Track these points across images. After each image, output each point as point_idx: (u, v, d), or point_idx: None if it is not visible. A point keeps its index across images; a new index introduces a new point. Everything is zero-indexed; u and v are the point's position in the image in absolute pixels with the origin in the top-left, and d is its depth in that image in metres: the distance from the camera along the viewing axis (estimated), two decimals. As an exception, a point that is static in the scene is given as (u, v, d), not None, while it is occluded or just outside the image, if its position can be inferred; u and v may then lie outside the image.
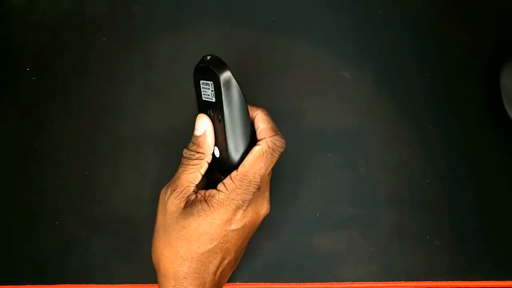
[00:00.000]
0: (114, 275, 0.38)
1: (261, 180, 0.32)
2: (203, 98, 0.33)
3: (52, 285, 0.38)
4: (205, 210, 0.31)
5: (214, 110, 0.33)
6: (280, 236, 0.39)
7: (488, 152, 0.41)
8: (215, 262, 0.32)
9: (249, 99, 0.41)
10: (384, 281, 0.38)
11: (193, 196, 0.33)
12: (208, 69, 0.31)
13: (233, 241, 0.32)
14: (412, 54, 0.43)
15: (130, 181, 0.40)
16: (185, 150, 0.33)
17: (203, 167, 0.33)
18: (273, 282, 0.38)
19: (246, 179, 0.31)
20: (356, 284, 0.38)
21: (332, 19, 0.44)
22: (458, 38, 0.44)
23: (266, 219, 0.39)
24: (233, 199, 0.31)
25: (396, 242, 0.39)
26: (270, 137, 0.32)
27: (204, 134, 0.33)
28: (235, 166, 0.32)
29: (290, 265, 0.39)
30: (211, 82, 0.32)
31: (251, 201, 0.32)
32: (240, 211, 0.32)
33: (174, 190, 0.32)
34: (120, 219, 0.39)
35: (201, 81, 0.33)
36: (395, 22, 0.44)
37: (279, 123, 0.41)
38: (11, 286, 0.38)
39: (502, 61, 0.42)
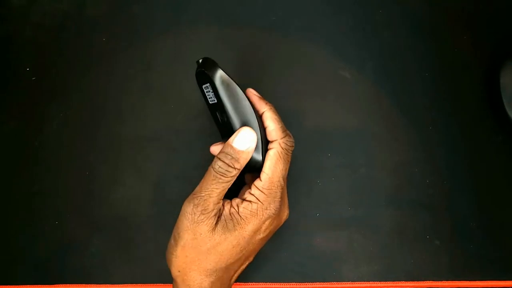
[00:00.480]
0: (114, 275, 0.38)
1: (284, 182, 0.32)
2: (210, 102, 0.34)
3: (52, 285, 0.38)
4: (240, 224, 0.31)
5: (220, 111, 0.33)
6: (280, 236, 0.39)
7: (488, 152, 0.41)
8: (236, 268, 0.33)
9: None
10: (384, 281, 0.38)
11: (224, 211, 0.31)
12: (203, 72, 0.32)
13: (257, 248, 0.33)
14: (412, 54, 0.43)
15: (130, 181, 0.40)
16: (219, 163, 0.31)
17: (231, 182, 0.32)
18: (274, 282, 0.38)
19: (273, 186, 0.31)
20: (356, 284, 0.38)
21: (332, 19, 0.44)
22: (458, 38, 0.44)
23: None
24: (267, 209, 0.31)
25: (396, 242, 0.39)
26: (282, 138, 0.32)
27: (247, 151, 0.31)
28: (250, 163, 0.32)
29: (290, 265, 0.39)
30: (209, 84, 0.32)
31: (279, 208, 0.32)
32: (269, 220, 0.32)
33: (204, 210, 0.30)
34: (120, 219, 0.39)
35: (203, 86, 0.33)
36: (395, 22, 0.44)
37: (279, 123, 0.41)
38: (11, 286, 0.38)
39: (502, 61, 0.42)
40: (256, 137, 0.32)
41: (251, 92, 0.35)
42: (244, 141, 0.31)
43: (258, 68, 0.43)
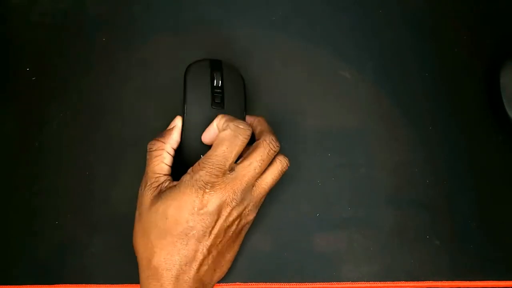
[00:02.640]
0: (114, 275, 0.38)
1: (226, 164, 0.32)
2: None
3: (52, 285, 0.38)
4: (172, 194, 0.32)
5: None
6: (280, 236, 0.39)
7: (488, 152, 0.41)
8: (185, 252, 0.32)
9: (249, 99, 0.42)
10: (384, 281, 0.38)
11: (166, 184, 0.34)
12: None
13: (198, 228, 0.32)
14: (412, 54, 0.43)
15: (130, 181, 0.40)
16: (149, 142, 0.35)
17: (166, 158, 0.35)
18: (273, 282, 0.38)
19: (209, 161, 0.32)
20: (356, 284, 0.38)
21: (332, 19, 0.44)
22: (458, 38, 0.44)
23: (266, 219, 0.39)
24: (196, 180, 0.32)
25: (396, 242, 0.39)
26: (231, 122, 0.33)
27: (171, 127, 0.36)
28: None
29: (290, 265, 0.39)
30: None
31: (216, 186, 0.32)
32: (206, 196, 0.32)
33: (145, 183, 0.34)
34: (120, 219, 0.39)
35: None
36: (395, 22, 0.44)
37: (279, 123, 0.42)
38: (11, 286, 0.38)
39: (502, 61, 0.42)
40: (180, 119, 0.36)
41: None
42: (171, 124, 0.36)
43: (258, 68, 0.43)
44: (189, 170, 0.33)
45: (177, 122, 0.36)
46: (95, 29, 0.44)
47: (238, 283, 0.38)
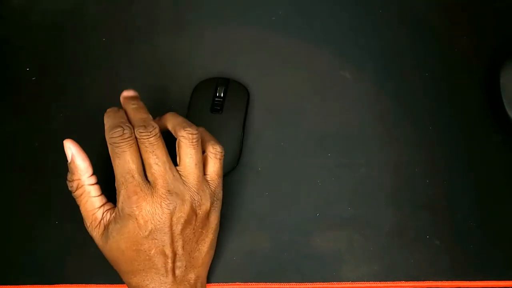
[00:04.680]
0: (114, 275, 0.38)
1: (135, 175, 0.31)
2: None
3: (52, 285, 0.38)
4: (115, 229, 0.32)
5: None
6: (280, 236, 0.39)
7: (488, 152, 0.41)
8: (156, 270, 0.32)
9: (249, 99, 0.42)
10: (384, 281, 0.38)
11: (107, 217, 0.33)
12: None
13: (158, 245, 0.31)
14: (412, 54, 0.43)
15: (130, 181, 0.40)
16: (68, 185, 0.34)
17: (91, 191, 0.33)
18: (273, 282, 0.38)
19: (117, 184, 0.32)
20: (356, 284, 0.38)
21: (332, 19, 0.44)
22: (458, 38, 0.44)
23: (266, 219, 0.39)
24: (122, 209, 0.31)
25: (396, 242, 0.39)
26: (107, 138, 0.32)
27: (71, 159, 0.33)
28: None
29: (290, 265, 0.39)
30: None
31: (140, 203, 0.31)
32: (140, 219, 0.31)
33: (86, 224, 0.33)
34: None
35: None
36: (395, 22, 0.44)
37: (279, 123, 0.42)
38: (11, 286, 0.38)
39: (502, 61, 0.42)
40: (73, 143, 0.34)
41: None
42: (67, 154, 0.34)
43: (258, 68, 0.43)
44: (117, 199, 0.32)
45: (71, 148, 0.33)
46: (95, 29, 0.44)
47: (238, 283, 0.38)
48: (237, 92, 0.39)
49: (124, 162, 0.31)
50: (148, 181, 0.31)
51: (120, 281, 0.38)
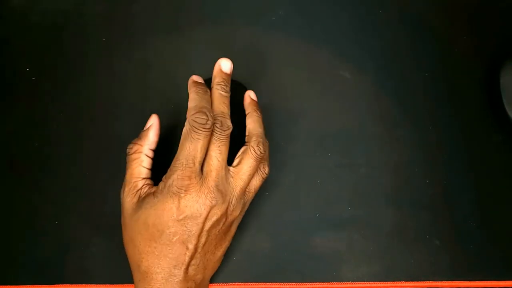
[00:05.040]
0: (114, 275, 0.38)
1: (196, 163, 0.31)
2: None
3: (52, 285, 0.38)
4: (151, 202, 0.32)
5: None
6: (280, 236, 0.39)
7: (488, 152, 0.41)
8: (172, 255, 0.32)
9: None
10: (384, 281, 0.38)
11: (145, 190, 0.33)
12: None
13: (181, 232, 0.32)
14: (412, 54, 0.43)
15: (130, 181, 0.40)
16: (129, 145, 0.35)
17: (144, 161, 0.34)
18: (273, 282, 0.38)
19: (177, 164, 0.32)
20: (356, 284, 0.38)
21: (332, 19, 0.44)
22: (458, 38, 0.44)
23: (266, 219, 0.39)
24: (170, 186, 0.32)
25: (396, 242, 0.39)
26: (190, 115, 0.32)
27: (147, 127, 0.35)
28: None
29: (290, 265, 0.39)
30: None
31: (190, 189, 0.31)
32: (182, 201, 0.31)
33: (124, 188, 0.34)
34: (120, 219, 0.39)
35: None
36: (395, 22, 0.44)
37: (279, 123, 0.42)
38: (11, 286, 0.38)
39: (502, 61, 0.42)
40: (157, 118, 0.36)
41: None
42: (147, 124, 0.36)
43: (258, 68, 0.43)
44: (163, 177, 0.32)
45: (153, 120, 0.36)
46: (95, 29, 0.44)
47: (238, 283, 0.38)
48: (237, 92, 0.39)
49: (193, 148, 0.32)
50: (202, 171, 0.32)
51: (120, 281, 0.38)
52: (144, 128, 0.35)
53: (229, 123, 0.33)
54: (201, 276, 0.34)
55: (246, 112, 0.36)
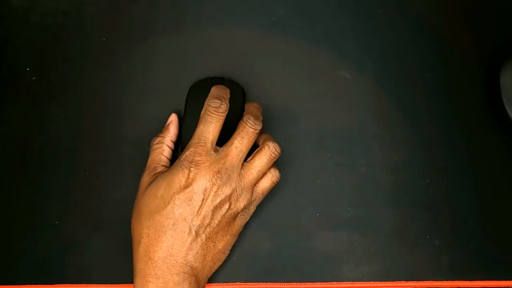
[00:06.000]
0: (114, 275, 0.38)
1: (208, 143, 0.34)
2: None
3: (52, 285, 0.38)
4: (163, 175, 0.34)
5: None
6: (280, 236, 0.39)
7: (488, 152, 0.41)
8: (172, 233, 0.33)
9: (249, 99, 0.42)
10: (384, 281, 0.38)
11: (161, 170, 0.37)
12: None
13: (188, 209, 0.33)
14: (412, 54, 0.43)
15: (130, 181, 0.40)
16: (153, 138, 0.39)
17: (165, 150, 0.38)
18: (273, 282, 0.38)
19: (192, 141, 0.34)
20: (356, 284, 0.38)
21: (332, 19, 0.44)
22: (458, 38, 0.44)
23: (266, 219, 0.39)
24: (183, 160, 0.34)
25: (396, 242, 0.39)
26: (207, 100, 0.35)
27: (168, 122, 0.40)
28: None
29: (290, 265, 0.39)
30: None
31: (200, 164, 0.33)
32: (191, 174, 0.33)
33: (144, 172, 0.37)
34: (120, 219, 0.39)
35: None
36: (395, 22, 0.44)
37: (279, 123, 0.42)
38: (11, 286, 0.38)
39: (502, 61, 0.42)
40: (176, 116, 0.40)
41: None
42: (168, 120, 0.40)
43: (258, 68, 0.43)
44: (182, 153, 0.35)
45: (173, 117, 0.40)
46: (95, 29, 0.44)
47: (238, 283, 0.38)
48: (233, 91, 0.38)
49: (206, 130, 0.34)
50: (216, 151, 0.34)
51: (120, 281, 0.38)
52: (166, 124, 0.40)
53: (260, 123, 0.36)
54: (199, 265, 0.34)
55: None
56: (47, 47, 0.44)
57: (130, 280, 0.38)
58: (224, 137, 0.36)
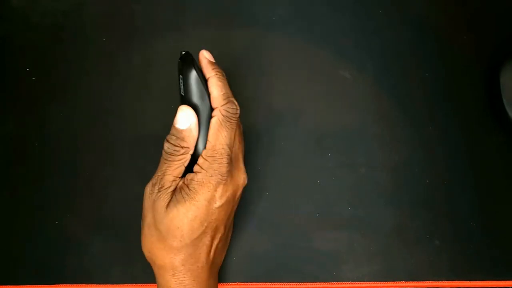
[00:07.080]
0: (114, 275, 0.38)
1: (230, 149, 0.32)
2: (181, 93, 0.34)
3: (52, 285, 0.38)
4: (189, 195, 0.32)
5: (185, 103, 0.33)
6: (280, 236, 0.39)
7: (488, 152, 0.41)
8: (208, 242, 0.33)
9: (249, 99, 0.42)
10: (384, 281, 0.38)
11: (177, 186, 0.33)
12: (180, 65, 0.33)
13: (220, 218, 0.33)
14: (412, 54, 0.43)
15: (130, 181, 0.40)
16: (167, 145, 0.33)
17: (187, 160, 0.33)
18: (273, 282, 0.38)
19: (216, 153, 0.32)
20: (356, 284, 0.38)
21: (332, 19, 0.44)
22: (458, 38, 0.44)
23: (266, 219, 0.39)
24: (212, 176, 0.32)
25: (396, 242, 0.39)
26: (222, 105, 0.32)
27: (189, 128, 0.32)
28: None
29: (290, 265, 0.39)
30: (181, 76, 0.33)
31: (228, 174, 0.32)
32: (221, 186, 0.32)
33: (161, 188, 0.32)
34: (120, 219, 0.39)
35: (180, 76, 0.33)
36: (395, 22, 0.44)
37: (279, 123, 0.42)
38: (11, 286, 0.38)
39: (502, 61, 0.42)
40: (193, 113, 0.32)
41: (203, 55, 0.34)
42: (182, 120, 0.32)
43: (258, 68, 0.43)
44: (198, 168, 0.32)
45: (192, 118, 0.32)
46: (95, 29, 0.44)
47: (238, 283, 0.38)
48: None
49: (230, 137, 0.32)
50: None
51: (120, 281, 0.38)
52: (179, 125, 0.32)
53: (237, 106, 0.33)
54: (219, 259, 0.35)
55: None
56: (47, 47, 0.44)
57: (130, 280, 0.38)
58: None
